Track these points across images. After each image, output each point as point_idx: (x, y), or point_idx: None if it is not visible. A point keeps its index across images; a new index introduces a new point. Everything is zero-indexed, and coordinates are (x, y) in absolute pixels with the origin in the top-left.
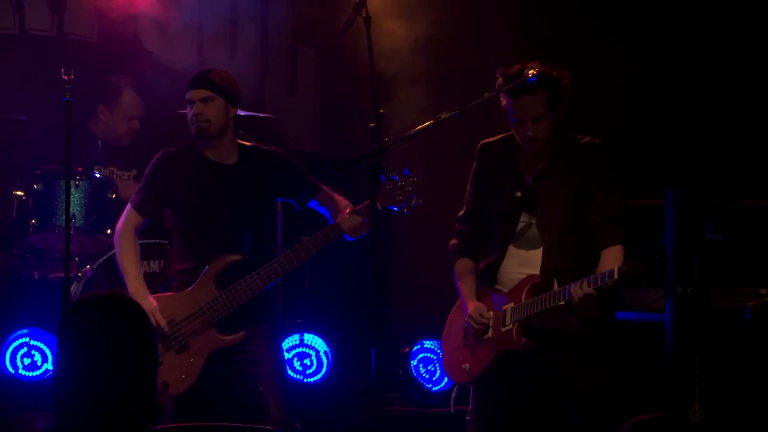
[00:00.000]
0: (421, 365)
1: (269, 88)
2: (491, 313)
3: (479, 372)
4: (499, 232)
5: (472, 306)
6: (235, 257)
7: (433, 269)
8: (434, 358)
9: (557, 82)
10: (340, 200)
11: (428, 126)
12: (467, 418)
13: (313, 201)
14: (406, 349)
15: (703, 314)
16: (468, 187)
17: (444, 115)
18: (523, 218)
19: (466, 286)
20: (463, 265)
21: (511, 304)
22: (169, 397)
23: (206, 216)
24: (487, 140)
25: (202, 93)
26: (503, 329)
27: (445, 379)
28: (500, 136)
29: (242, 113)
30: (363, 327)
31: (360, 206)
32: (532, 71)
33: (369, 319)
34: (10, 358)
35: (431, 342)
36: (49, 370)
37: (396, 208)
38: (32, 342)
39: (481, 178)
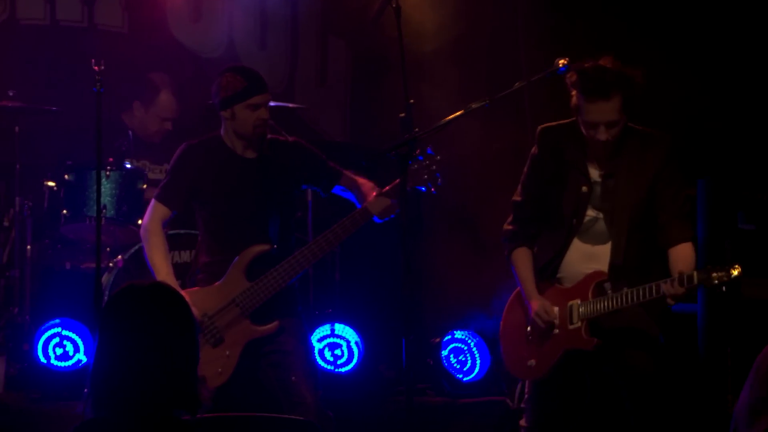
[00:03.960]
0: (452, 355)
1: (299, 79)
2: (556, 309)
3: (547, 370)
4: (564, 226)
5: (537, 304)
6: (264, 247)
7: (464, 259)
8: (465, 348)
9: (632, 82)
10: (364, 183)
11: (458, 116)
12: (522, 405)
13: (336, 186)
14: (437, 340)
15: (734, 304)
16: (526, 170)
17: (474, 105)
18: (590, 212)
19: (527, 279)
20: (522, 255)
21: (578, 301)
22: (208, 390)
23: (232, 208)
24: (549, 125)
25: (268, 97)
26: (571, 327)
27: (476, 370)
28: (563, 122)
29: (273, 104)
30: (394, 317)
31: (387, 188)
32: (562, 61)
33: (400, 309)
34: (43, 348)
35: (462, 332)
36: (81, 360)
37: (423, 188)
38: (64, 332)
39: (542, 165)
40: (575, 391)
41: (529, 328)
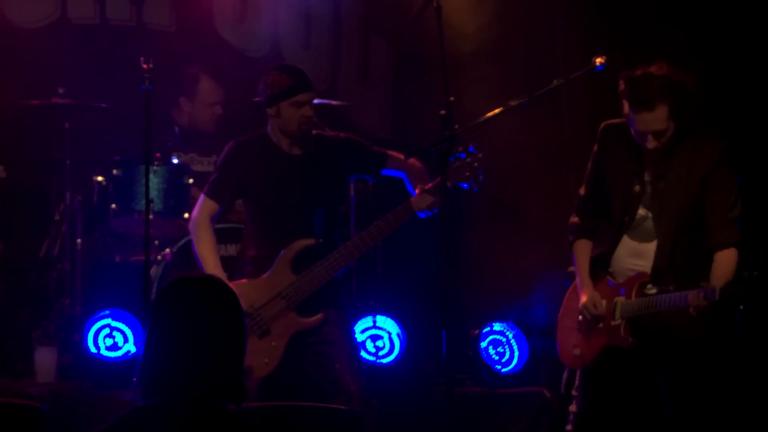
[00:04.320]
0: (490, 347)
1: (342, 77)
2: (604, 302)
3: (589, 360)
4: (615, 222)
5: (588, 295)
6: (310, 241)
7: (503, 253)
8: (504, 340)
9: (682, 89)
10: (414, 163)
11: (498, 113)
12: (573, 392)
13: (385, 170)
14: (476, 332)
15: None
16: (589, 165)
17: (513, 103)
18: (641, 211)
19: (583, 271)
20: (582, 246)
21: (622, 299)
22: (254, 381)
23: (279, 203)
24: (611, 122)
25: (313, 95)
26: (613, 323)
27: (514, 361)
28: (624, 120)
29: (316, 101)
30: (434, 309)
31: (430, 185)
32: (600, 59)
33: (440, 301)
34: (93, 338)
35: (501, 324)
36: (130, 351)
37: (465, 185)
38: (113, 323)
39: (601, 161)
40: (620, 385)
41: (580, 317)
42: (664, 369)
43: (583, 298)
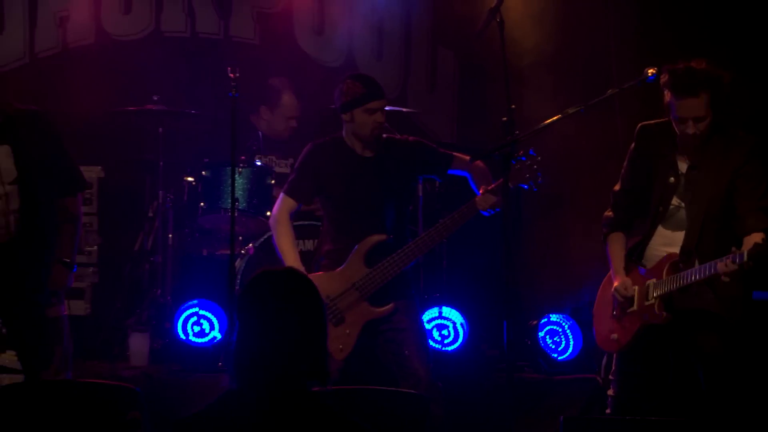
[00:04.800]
0: (548, 337)
1: (411, 85)
2: (636, 287)
3: (626, 342)
4: (650, 212)
5: (619, 280)
6: (381, 237)
7: (560, 249)
8: (560, 330)
9: (719, 81)
10: (478, 164)
11: (556, 120)
12: (610, 377)
13: (450, 169)
14: (535, 322)
15: None
16: (625, 164)
17: (570, 110)
18: (674, 201)
19: (616, 259)
20: (615, 238)
21: (654, 280)
22: (336, 363)
23: (353, 201)
24: (647, 123)
25: (384, 103)
26: (646, 303)
27: (570, 350)
28: (659, 120)
29: (388, 108)
30: (495, 301)
31: (492, 186)
32: (651, 70)
33: (501, 294)
34: (182, 326)
35: (557, 316)
36: (216, 337)
37: (525, 186)
38: (201, 312)
39: (638, 159)
40: (656, 365)
41: (613, 303)
42: (697, 343)
43: (616, 284)
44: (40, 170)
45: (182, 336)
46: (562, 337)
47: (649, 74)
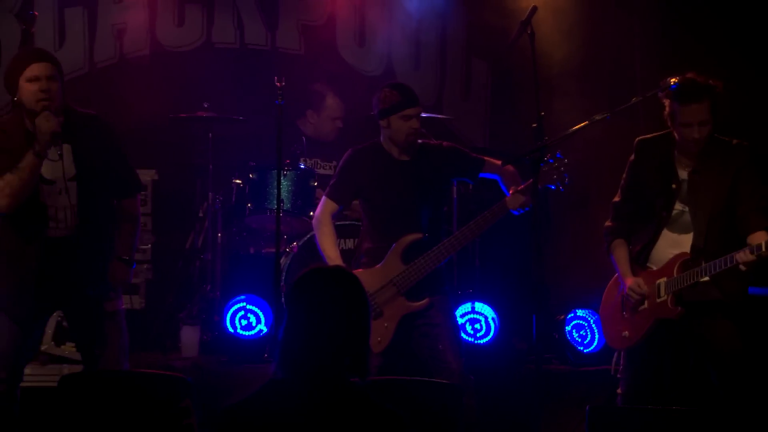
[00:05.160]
0: (574, 330)
1: (447, 93)
2: (646, 287)
3: (638, 339)
4: (654, 218)
5: (631, 280)
6: (417, 236)
7: (585, 249)
8: (585, 324)
9: (716, 90)
10: (508, 168)
11: (583, 126)
12: (618, 375)
13: (482, 173)
14: (562, 317)
15: None
16: (624, 176)
17: (597, 117)
18: (677, 206)
19: (622, 263)
20: (618, 244)
21: (664, 278)
22: (376, 357)
23: (390, 203)
24: (644, 137)
25: (420, 110)
26: (658, 300)
27: (595, 343)
28: (656, 134)
29: (424, 115)
30: (525, 297)
31: (522, 186)
32: (673, 79)
33: (530, 290)
34: (230, 319)
35: (583, 311)
36: (262, 330)
37: (553, 187)
38: (248, 306)
39: (637, 169)
40: (663, 362)
41: (624, 304)
42: (704, 332)
43: (628, 283)
44: (98, 169)
45: (230, 329)
46: (587, 330)
47: (671, 83)
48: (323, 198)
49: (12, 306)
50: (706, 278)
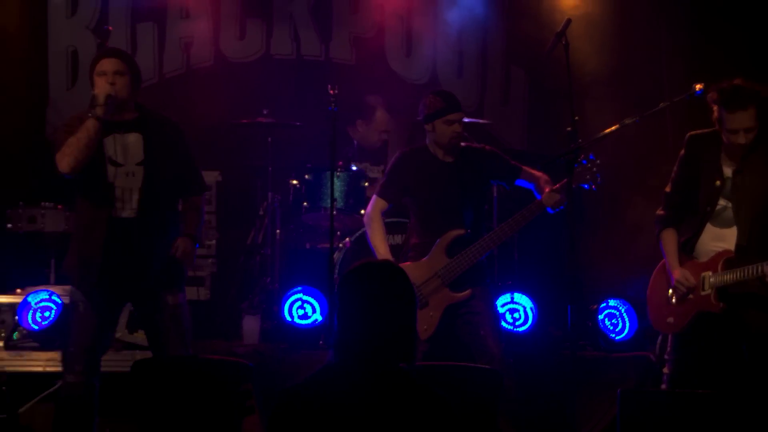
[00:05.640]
0: (606, 319)
1: (488, 99)
2: (693, 278)
3: (682, 326)
4: (699, 211)
5: (679, 272)
6: (460, 231)
7: (616, 244)
8: (617, 313)
9: (763, 96)
10: (541, 176)
11: (614, 130)
12: (665, 357)
13: (518, 180)
14: (595, 306)
15: None
16: (675, 168)
17: (627, 121)
18: (721, 202)
19: (672, 253)
20: (668, 234)
21: (709, 273)
22: (422, 344)
23: (435, 201)
24: (695, 132)
25: (462, 115)
26: (702, 293)
27: (626, 331)
28: (706, 130)
29: (466, 120)
30: (560, 288)
31: (557, 185)
32: (699, 85)
33: (566, 281)
34: (288, 309)
35: (615, 301)
36: (317, 320)
37: (587, 186)
38: (304, 297)
39: (687, 164)
40: (707, 346)
41: (670, 292)
42: (748, 331)
43: (676, 275)
44: (165, 160)
45: (288, 318)
46: (619, 319)
47: (697, 89)
48: (374, 197)
49: (80, 279)
50: (755, 278)
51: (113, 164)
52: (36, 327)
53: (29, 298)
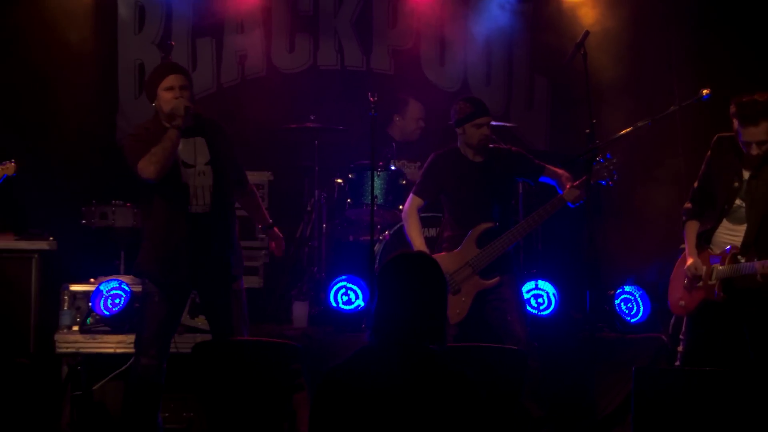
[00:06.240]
0: (622, 304)
1: (513, 105)
2: (704, 267)
3: (690, 310)
4: (718, 208)
5: (691, 261)
6: (489, 224)
7: (631, 235)
8: (632, 298)
9: None
10: (562, 173)
11: (628, 132)
12: (681, 336)
13: (542, 177)
14: (612, 292)
15: None
16: (702, 166)
17: (639, 124)
18: (737, 201)
19: (690, 243)
20: (691, 225)
21: (718, 265)
22: (453, 327)
23: (467, 197)
24: (722, 134)
25: (490, 119)
26: (710, 283)
27: (640, 314)
28: (731, 133)
29: (493, 123)
30: (580, 275)
31: (577, 182)
32: (705, 90)
33: (585, 270)
34: (333, 296)
35: (630, 287)
36: (360, 305)
37: (604, 182)
38: (348, 285)
39: (711, 164)
40: (714, 328)
41: (686, 280)
42: (749, 320)
43: (688, 263)
44: (225, 158)
45: (333, 304)
46: (633, 304)
47: (704, 94)
48: (410, 195)
49: (160, 273)
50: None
51: (186, 166)
52: (107, 313)
53: (101, 287)
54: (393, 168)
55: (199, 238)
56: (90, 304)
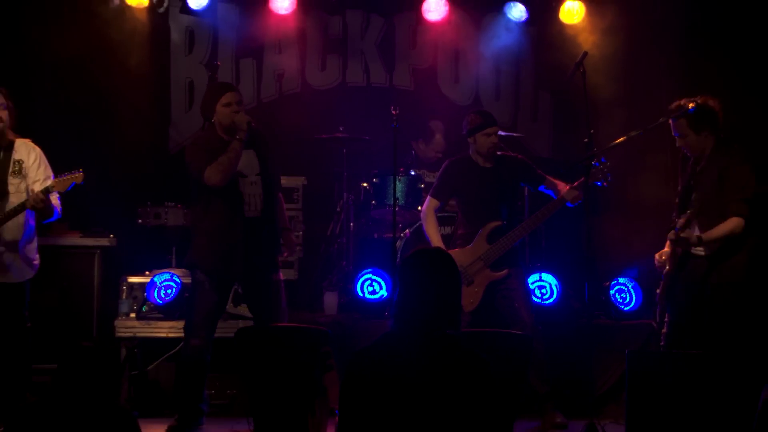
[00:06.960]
0: (617, 294)
1: (520, 117)
2: (664, 258)
3: (661, 292)
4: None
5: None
6: (498, 223)
7: (624, 232)
8: (626, 289)
9: (685, 111)
10: (559, 183)
11: (622, 141)
12: (665, 320)
13: (541, 186)
14: (607, 283)
15: None
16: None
17: (632, 133)
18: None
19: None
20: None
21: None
22: (467, 315)
23: (477, 199)
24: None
25: (498, 129)
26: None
27: (632, 303)
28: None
29: (502, 133)
30: (580, 268)
31: (575, 183)
32: (691, 104)
33: (584, 263)
34: (360, 287)
35: (624, 279)
36: (384, 295)
37: (599, 183)
38: (373, 277)
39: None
40: (687, 315)
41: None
42: (710, 305)
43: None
44: (272, 167)
45: (360, 294)
46: (627, 294)
47: (689, 107)
48: (428, 197)
49: (220, 267)
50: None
51: (241, 176)
52: (161, 301)
53: (155, 279)
54: (413, 173)
55: (252, 239)
56: (145, 293)
